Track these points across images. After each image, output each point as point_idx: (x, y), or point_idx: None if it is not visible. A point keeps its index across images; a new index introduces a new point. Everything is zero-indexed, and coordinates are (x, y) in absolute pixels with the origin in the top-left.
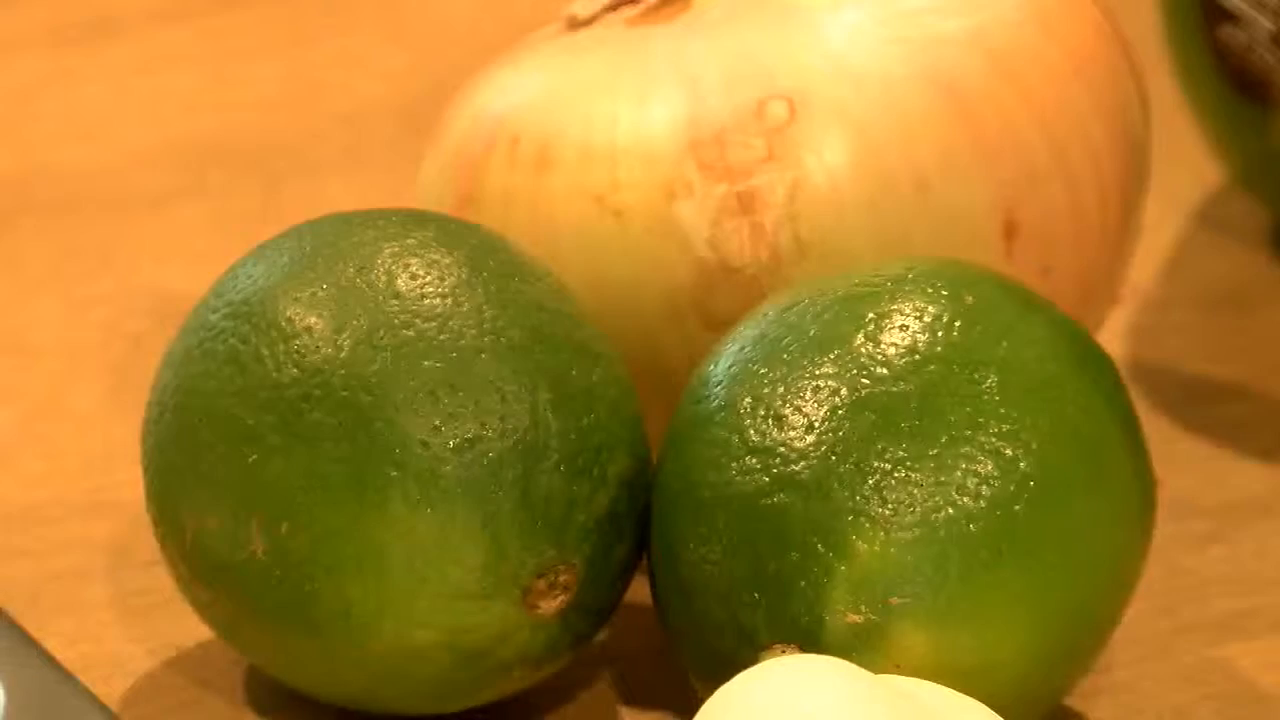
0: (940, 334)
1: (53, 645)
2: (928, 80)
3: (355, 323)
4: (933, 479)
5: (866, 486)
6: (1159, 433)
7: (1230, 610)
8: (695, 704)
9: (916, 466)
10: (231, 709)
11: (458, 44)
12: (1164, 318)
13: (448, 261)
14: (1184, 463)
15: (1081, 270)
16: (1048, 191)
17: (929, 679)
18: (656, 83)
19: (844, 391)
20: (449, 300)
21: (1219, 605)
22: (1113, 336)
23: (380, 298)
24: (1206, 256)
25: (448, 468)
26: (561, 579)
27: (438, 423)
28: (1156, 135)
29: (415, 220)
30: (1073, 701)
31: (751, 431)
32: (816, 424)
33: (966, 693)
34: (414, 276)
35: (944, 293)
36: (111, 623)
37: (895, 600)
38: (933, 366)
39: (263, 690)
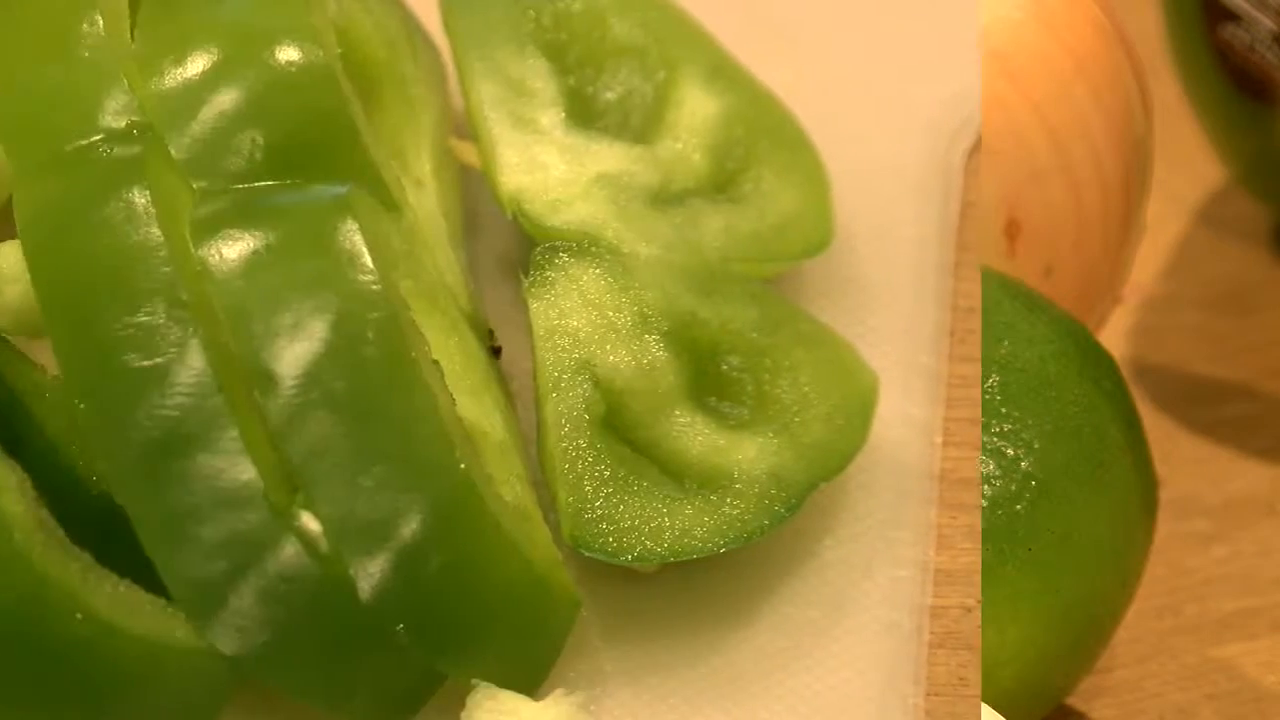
0: None
1: None
2: None
3: None
4: None
5: None
6: (1160, 432)
7: (1232, 610)
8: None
9: None
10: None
11: None
12: (1166, 318)
13: None
14: (1185, 462)
15: (1083, 270)
16: (1050, 191)
17: None
18: None
19: None
20: None
21: (1221, 605)
22: (1114, 336)
23: None
24: (1208, 256)
25: None
26: None
27: None
28: (1158, 135)
29: None
30: (1074, 700)
31: None
32: None
33: None
34: None
35: None
36: None
37: None
38: None
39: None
